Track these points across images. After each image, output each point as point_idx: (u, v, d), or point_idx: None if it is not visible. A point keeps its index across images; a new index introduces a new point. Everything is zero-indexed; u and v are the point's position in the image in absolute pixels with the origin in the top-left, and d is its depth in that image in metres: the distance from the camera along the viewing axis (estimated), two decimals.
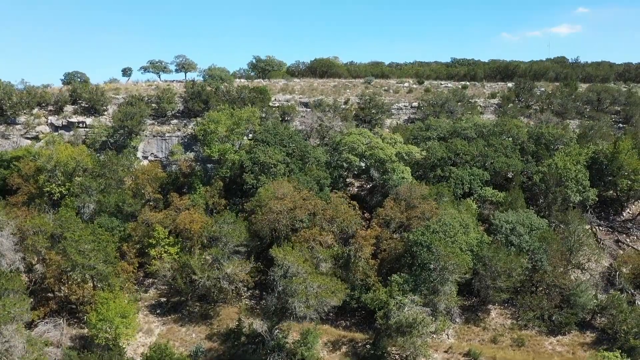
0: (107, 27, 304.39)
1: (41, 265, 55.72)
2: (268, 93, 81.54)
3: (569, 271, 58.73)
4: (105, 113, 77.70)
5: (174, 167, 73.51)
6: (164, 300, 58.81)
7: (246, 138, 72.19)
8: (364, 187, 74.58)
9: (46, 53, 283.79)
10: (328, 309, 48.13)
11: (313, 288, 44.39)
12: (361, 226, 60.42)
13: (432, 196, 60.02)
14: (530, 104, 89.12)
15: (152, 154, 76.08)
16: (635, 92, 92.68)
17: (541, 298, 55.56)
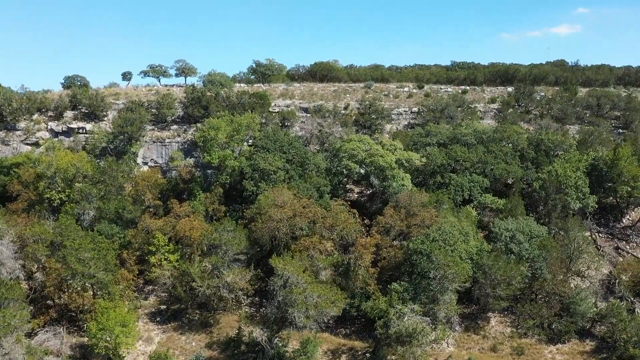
0: (108, 31, 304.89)
1: (41, 273, 55.72)
2: (268, 98, 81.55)
3: (569, 279, 58.76)
4: (105, 119, 77.73)
5: (174, 173, 73.44)
6: (164, 307, 58.81)
7: (246, 144, 72.22)
8: (364, 193, 74.61)
9: (46, 56, 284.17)
10: (328, 318, 48.09)
11: (313, 298, 44.44)
12: (361, 233, 60.57)
13: (432, 204, 60.06)
14: (530, 109, 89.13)
15: (152, 160, 76.09)
16: (635, 97, 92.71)
17: (541, 306, 55.61)
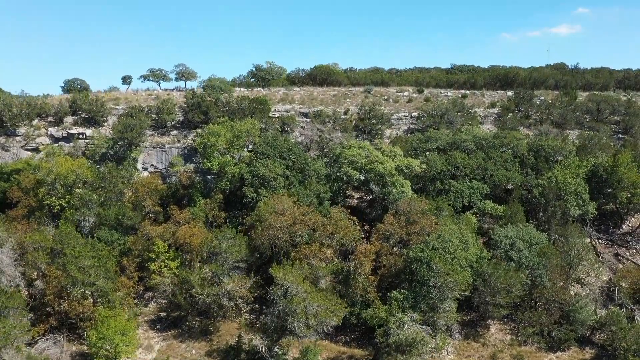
0: (108, 34, 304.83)
1: (41, 281, 55.74)
2: (268, 103, 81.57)
3: (569, 286, 58.84)
4: (105, 124, 77.70)
5: (174, 179, 73.51)
6: (164, 315, 58.84)
7: (246, 150, 72.25)
8: (364, 199, 74.63)
9: (47, 59, 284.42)
10: (328, 328, 48.11)
11: (313, 308, 44.47)
12: (361, 239, 60.68)
13: (432, 211, 60.11)
14: (529, 114, 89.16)
15: (152, 165, 76.10)
16: (635, 102, 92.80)
17: (540, 314, 55.63)
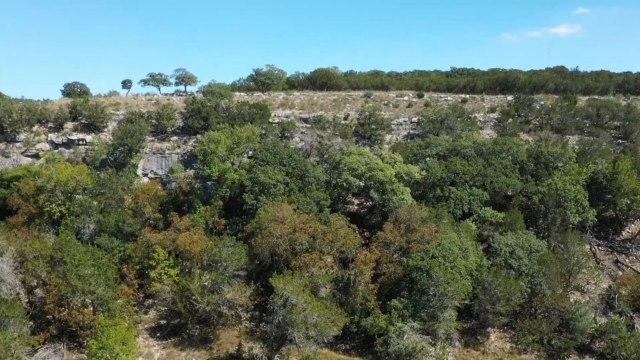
0: (108, 38, 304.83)
1: (41, 289, 55.77)
2: (268, 109, 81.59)
3: (569, 294, 58.87)
4: (105, 130, 77.72)
5: (174, 185, 73.60)
6: (164, 322, 58.87)
7: (246, 156, 72.29)
8: (364, 205, 74.68)
9: (47, 63, 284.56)
10: (328, 338, 48.11)
11: (313, 318, 44.45)
12: (360, 245, 60.70)
13: (432, 218, 60.13)
14: (529, 119, 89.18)
15: (152, 172, 76.14)
16: (634, 107, 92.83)
17: (540, 322, 55.62)
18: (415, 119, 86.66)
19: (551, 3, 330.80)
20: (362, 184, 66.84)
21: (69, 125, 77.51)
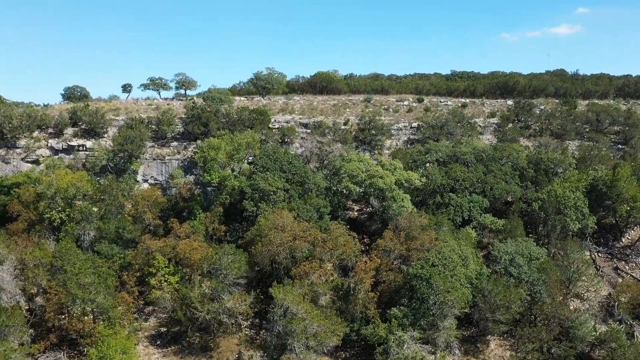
0: (108, 42, 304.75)
1: (41, 297, 55.80)
2: (268, 114, 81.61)
3: (568, 301, 58.90)
4: (105, 135, 77.75)
5: (174, 191, 73.62)
6: (164, 330, 58.93)
7: (246, 162, 72.33)
8: (364, 211, 74.71)
9: (48, 66, 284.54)
10: (328, 349, 48.21)
11: (313, 328, 44.52)
12: (360, 252, 60.76)
13: (432, 226, 60.16)
14: (529, 124, 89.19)
15: (152, 177, 76.17)
16: (634, 112, 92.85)
17: (540, 329, 55.58)
18: (415, 124, 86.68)
19: (551, 3, 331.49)
20: (362, 191, 66.88)
21: (69, 131, 77.52)
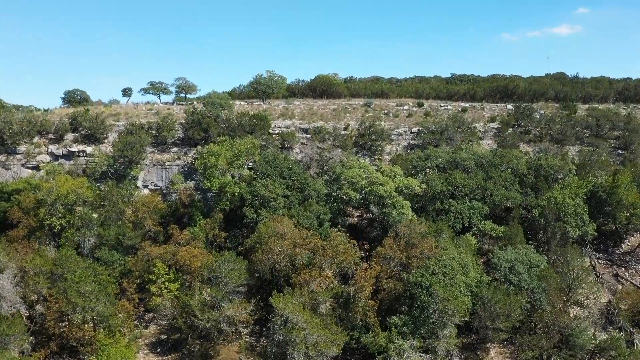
0: (108, 46, 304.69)
1: (42, 305, 55.87)
2: (268, 119, 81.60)
3: (568, 308, 58.96)
4: (105, 141, 77.73)
5: (174, 196, 73.64)
6: (164, 337, 59.00)
7: (246, 168, 72.34)
8: (364, 217, 74.74)
9: (49, 69, 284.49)
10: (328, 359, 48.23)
11: (313, 338, 44.56)
12: (360, 258, 60.79)
13: (432, 233, 60.20)
14: (529, 129, 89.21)
15: (153, 183, 76.19)
16: (634, 117, 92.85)
17: (540, 337, 55.62)
18: (415, 129, 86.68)
19: (551, 3, 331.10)
20: (362, 198, 66.86)
21: (69, 136, 77.48)
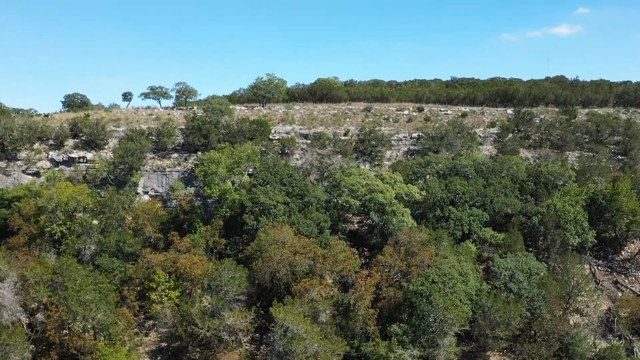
0: (109, 47, 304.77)
1: (42, 313, 55.95)
2: (268, 125, 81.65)
3: (568, 316, 59.06)
4: (105, 147, 77.78)
5: (174, 203, 73.73)
6: (165, 345, 59.07)
7: (246, 174, 72.42)
8: (364, 223, 74.85)
9: (49, 72, 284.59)
10: None
11: (313, 348, 44.66)
12: (360, 265, 60.90)
13: (432, 241, 60.28)
14: (529, 135, 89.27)
15: (153, 189, 76.22)
16: (634, 122, 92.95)
17: (540, 345, 55.74)
18: (415, 135, 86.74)
19: (551, 3, 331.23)
20: (362, 205, 66.92)
21: (70, 142, 77.50)
